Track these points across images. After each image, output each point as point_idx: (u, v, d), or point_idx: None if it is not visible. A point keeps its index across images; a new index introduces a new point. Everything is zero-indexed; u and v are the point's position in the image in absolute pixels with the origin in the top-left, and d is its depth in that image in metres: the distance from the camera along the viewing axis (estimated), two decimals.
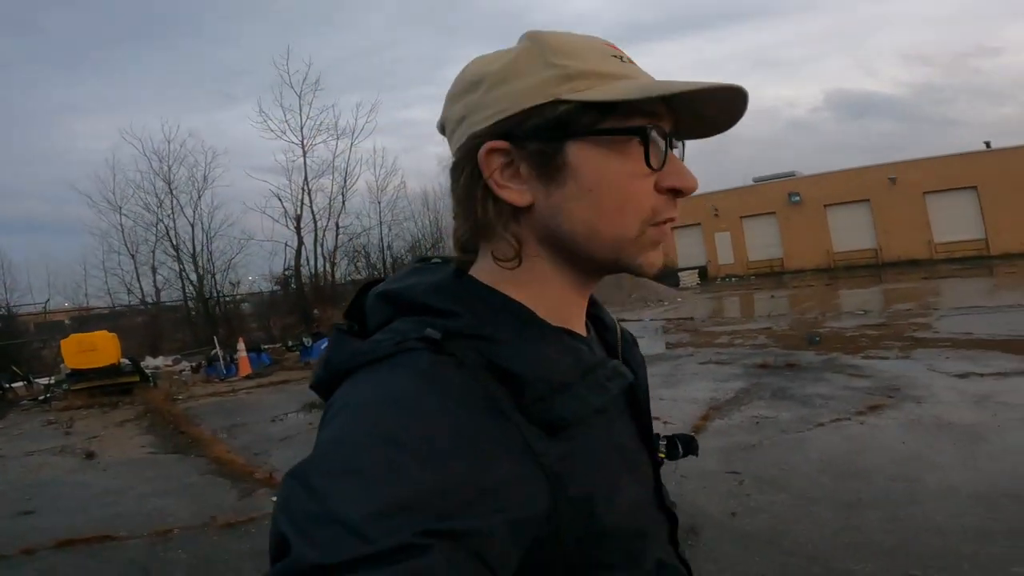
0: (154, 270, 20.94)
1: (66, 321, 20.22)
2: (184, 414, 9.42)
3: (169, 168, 21.50)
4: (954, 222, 23.77)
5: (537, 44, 0.51)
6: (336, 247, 20.42)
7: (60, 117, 45.20)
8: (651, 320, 14.87)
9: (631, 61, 0.53)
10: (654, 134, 0.50)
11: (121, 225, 21.38)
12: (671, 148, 0.52)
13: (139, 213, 21.19)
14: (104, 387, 11.11)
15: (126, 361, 11.88)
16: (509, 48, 0.53)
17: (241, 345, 13.30)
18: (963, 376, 6.02)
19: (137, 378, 11.68)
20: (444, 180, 0.54)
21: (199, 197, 21.48)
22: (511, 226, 0.51)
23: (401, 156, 59.34)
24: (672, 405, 6.30)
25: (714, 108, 0.53)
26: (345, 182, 21.04)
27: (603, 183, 0.49)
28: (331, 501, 0.36)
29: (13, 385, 12.16)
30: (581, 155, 0.49)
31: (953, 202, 23.78)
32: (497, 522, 0.38)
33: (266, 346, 15.57)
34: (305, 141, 21.73)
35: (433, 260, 0.58)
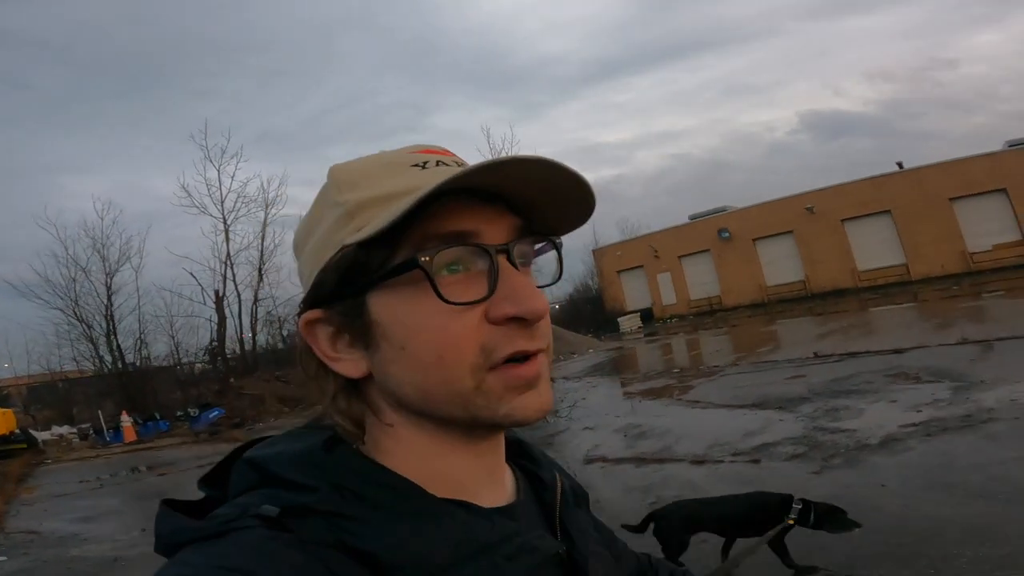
0: (69, 343, 20.54)
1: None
2: (18, 474, 10.98)
3: (103, 246, 20.76)
4: (874, 248, 23.51)
5: (330, 180, 0.46)
6: (255, 319, 22.02)
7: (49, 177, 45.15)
8: None
9: (449, 161, 0.46)
10: (445, 257, 0.42)
11: (74, 296, 20.28)
12: (516, 262, 0.43)
13: (81, 286, 20.49)
14: None
15: (18, 431, 13.76)
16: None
17: (124, 416, 15.03)
18: (591, 457, 6.20)
19: (25, 446, 13.45)
20: None
21: (113, 275, 20.67)
22: (353, 400, 0.46)
23: None
24: None
25: (555, 196, 0.44)
26: (262, 256, 22.40)
27: (411, 335, 0.42)
28: None
29: None
30: (381, 306, 0.43)
31: (870, 228, 23.61)
32: None
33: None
34: (227, 215, 22.14)
35: (324, 423, 0.48)
